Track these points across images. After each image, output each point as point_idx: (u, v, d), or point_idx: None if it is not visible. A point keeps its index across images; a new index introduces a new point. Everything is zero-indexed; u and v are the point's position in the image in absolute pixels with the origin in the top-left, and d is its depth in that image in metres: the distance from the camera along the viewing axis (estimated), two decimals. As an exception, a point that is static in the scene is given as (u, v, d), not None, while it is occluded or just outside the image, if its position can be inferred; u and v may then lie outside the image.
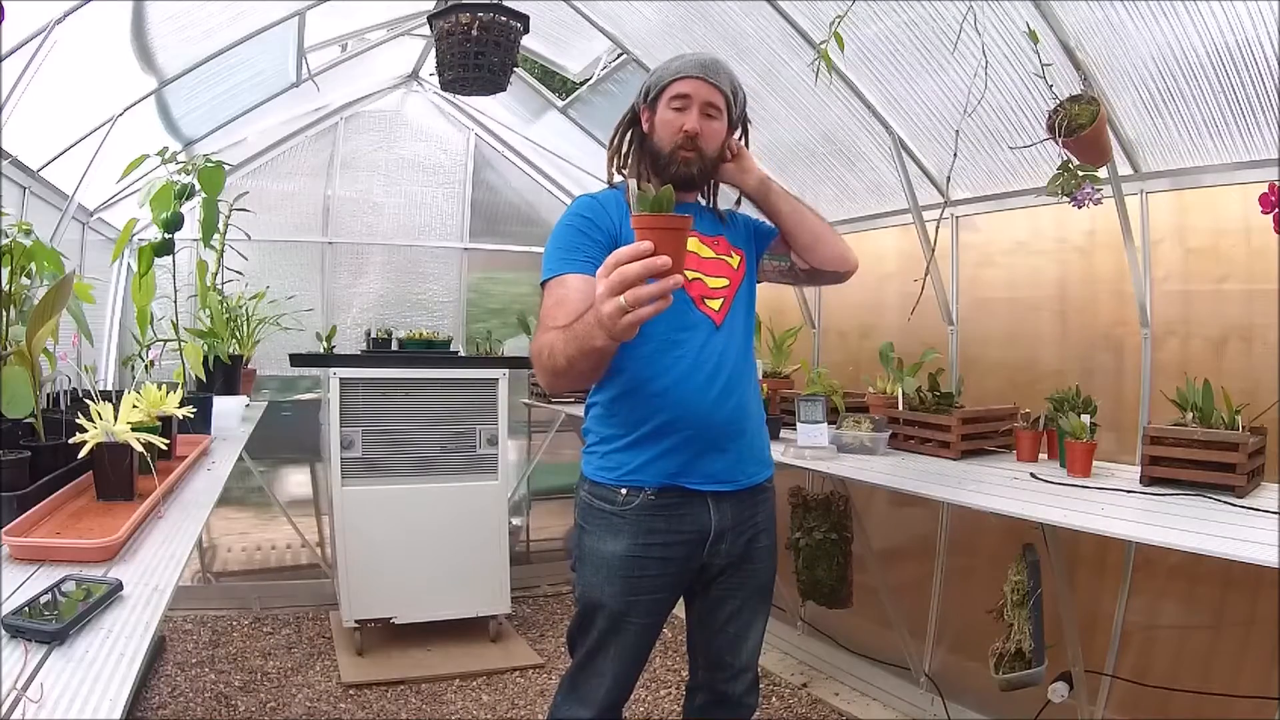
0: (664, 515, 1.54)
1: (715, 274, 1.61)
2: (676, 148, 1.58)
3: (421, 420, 3.33)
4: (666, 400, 1.52)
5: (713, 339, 1.56)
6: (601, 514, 1.57)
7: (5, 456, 1.28)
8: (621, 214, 1.57)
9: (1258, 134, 1.96)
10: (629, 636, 1.57)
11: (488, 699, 2.97)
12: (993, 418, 2.38)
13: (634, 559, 1.53)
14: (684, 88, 1.58)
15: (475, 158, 4.31)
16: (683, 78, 1.58)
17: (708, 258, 1.62)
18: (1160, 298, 2.24)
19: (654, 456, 1.53)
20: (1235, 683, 2.01)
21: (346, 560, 3.22)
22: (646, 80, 1.66)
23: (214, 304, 2.69)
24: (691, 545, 1.56)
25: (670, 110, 1.59)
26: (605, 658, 1.58)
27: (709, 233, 1.66)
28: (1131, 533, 1.55)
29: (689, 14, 2.82)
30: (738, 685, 1.67)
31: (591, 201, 1.61)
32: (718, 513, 1.56)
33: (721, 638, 1.65)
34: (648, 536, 1.53)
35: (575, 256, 1.51)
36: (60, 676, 0.81)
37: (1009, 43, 2.13)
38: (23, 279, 1.60)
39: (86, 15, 2.15)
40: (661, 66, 1.64)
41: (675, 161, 1.59)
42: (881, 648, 2.98)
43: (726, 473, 1.57)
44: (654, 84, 1.63)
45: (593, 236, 1.53)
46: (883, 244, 3.14)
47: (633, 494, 1.54)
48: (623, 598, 1.55)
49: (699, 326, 1.55)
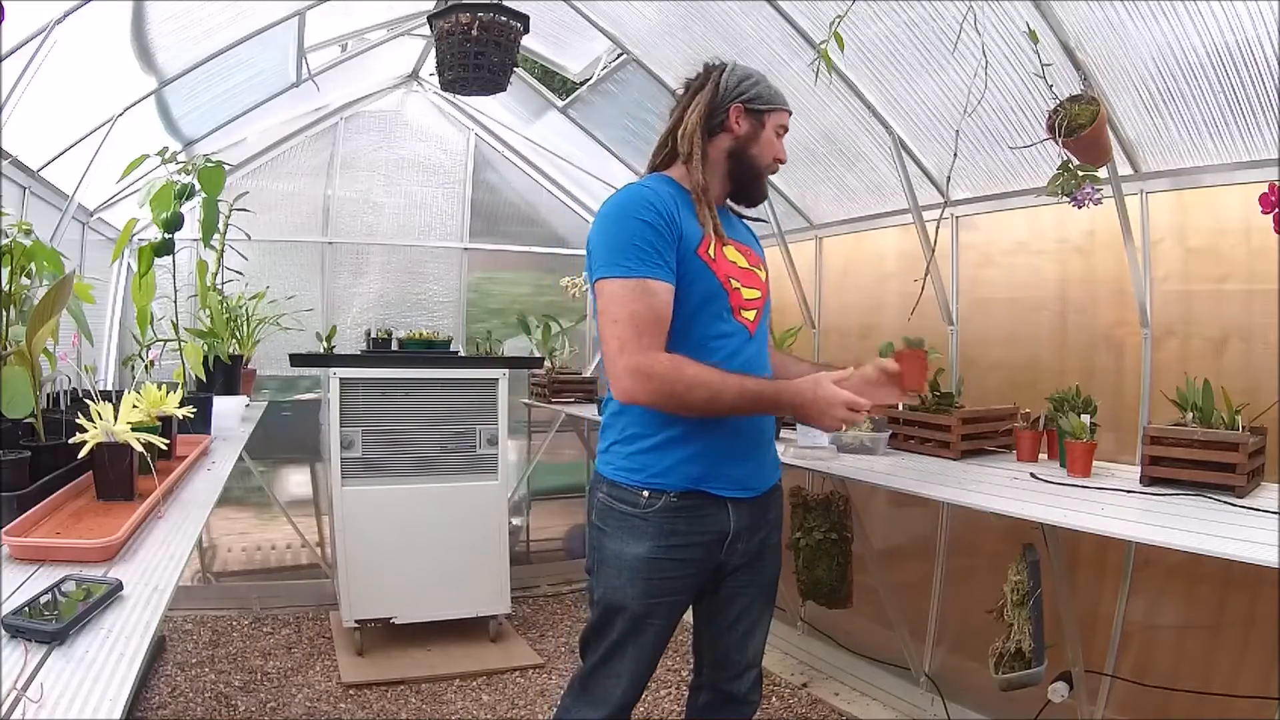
0: (685, 518, 1.54)
1: (750, 285, 1.61)
2: (768, 170, 1.67)
3: (421, 420, 3.33)
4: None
5: (746, 347, 1.58)
6: (623, 516, 1.56)
7: (5, 456, 1.28)
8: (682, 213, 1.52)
9: (1258, 134, 1.95)
10: (648, 638, 1.58)
11: (488, 699, 2.97)
12: (993, 418, 2.38)
13: (656, 561, 1.54)
14: (786, 120, 1.67)
15: (475, 158, 4.31)
16: (787, 110, 1.67)
17: (744, 268, 1.62)
18: (1160, 298, 2.23)
19: (679, 460, 1.53)
20: (1235, 683, 2.01)
21: (346, 560, 3.22)
22: (751, 85, 1.62)
23: (214, 304, 2.69)
24: (710, 547, 1.58)
25: (773, 135, 1.65)
26: (623, 659, 1.58)
27: (745, 242, 1.69)
28: (1131, 533, 1.55)
29: (689, 14, 2.82)
30: (742, 683, 1.69)
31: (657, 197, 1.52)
32: (736, 515, 1.58)
33: (730, 635, 1.67)
34: (670, 539, 1.53)
35: (657, 260, 1.47)
36: (60, 676, 0.81)
37: (1009, 43, 2.13)
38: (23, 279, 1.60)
39: (86, 15, 2.15)
40: (764, 82, 1.65)
41: (763, 184, 1.69)
42: (881, 648, 2.98)
43: (747, 480, 1.60)
44: (765, 97, 1.63)
45: (666, 238, 1.48)
46: (883, 244, 3.14)
47: (655, 496, 1.53)
48: (644, 600, 1.55)
49: (735, 335, 1.57)
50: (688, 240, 1.52)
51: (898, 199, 2.90)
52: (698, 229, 1.54)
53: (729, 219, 1.70)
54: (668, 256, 1.47)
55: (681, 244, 1.50)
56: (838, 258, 3.40)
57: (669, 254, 1.48)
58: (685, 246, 1.51)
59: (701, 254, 1.53)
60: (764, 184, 1.69)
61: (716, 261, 1.54)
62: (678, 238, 1.50)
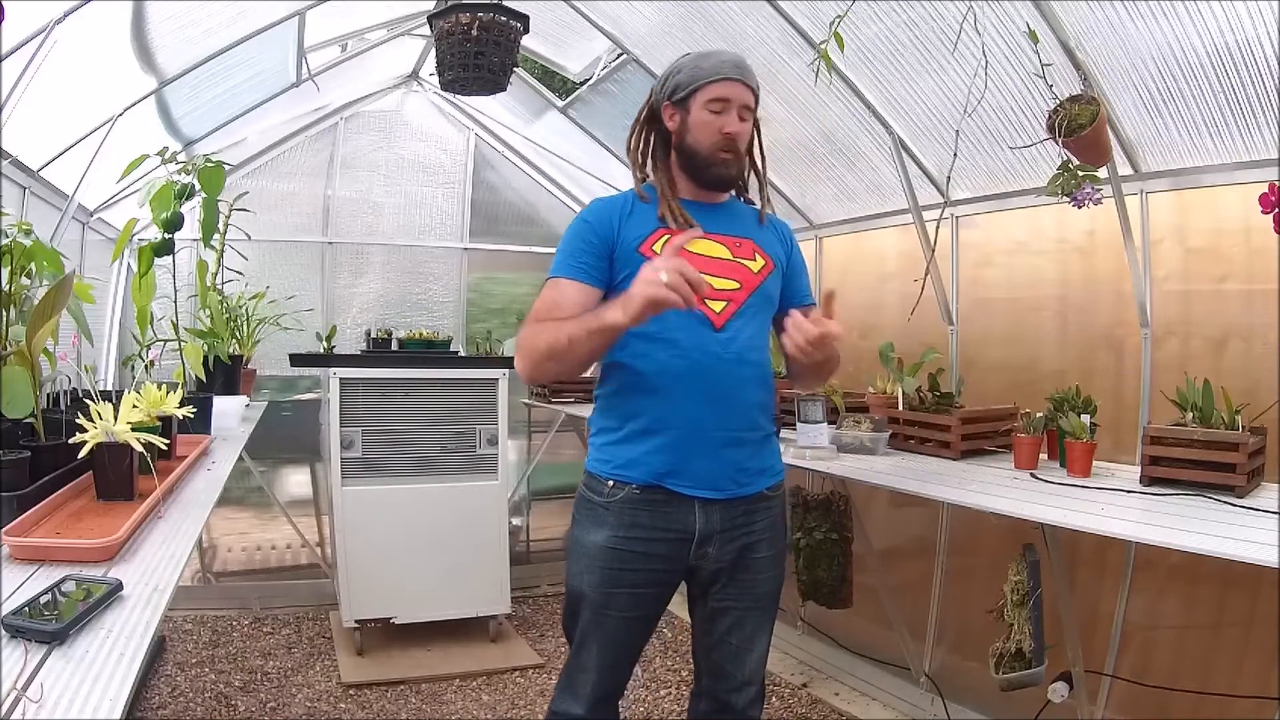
0: (647, 511, 1.54)
1: (723, 275, 1.58)
2: (717, 149, 1.57)
3: (421, 420, 3.33)
4: (657, 397, 1.53)
5: (710, 340, 1.54)
6: (589, 505, 1.59)
7: (5, 456, 1.28)
8: (622, 219, 1.59)
9: (1258, 134, 1.95)
10: (610, 629, 1.57)
11: (488, 699, 2.97)
12: (993, 418, 2.38)
13: (614, 551, 1.54)
14: (722, 91, 1.56)
15: (475, 158, 4.30)
16: (720, 80, 1.56)
17: (720, 258, 1.59)
18: (1160, 298, 2.23)
19: (644, 453, 1.53)
20: (1235, 683, 2.01)
21: (346, 560, 3.22)
22: (673, 77, 1.61)
23: (214, 304, 2.69)
24: (676, 544, 1.55)
25: (708, 112, 1.56)
26: (589, 652, 1.59)
27: (732, 233, 1.64)
28: (1131, 533, 1.55)
29: (689, 14, 2.82)
30: (740, 697, 1.64)
31: (600, 206, 1.63)
32: (704, 516, 1.54)
33: (723, 648, 1.63)
34: (629, 530, 1.54)
35: (574, 261, 1.56)
36: (60, 676, 0.81)
37: (1009, 43, 2.13)
38: (23, 279, 1.60)
39: (86, 15, 2.15)
40: (690, 64, 1.60)
41: (716, 163, 1.59)
42: (881, 648, 2.98)
43: (715, 480, 1.54)
44: (685, 83, 1.58)
45: (591, 243, 1.57)
46: (883, 244, 3.15)
47: (618, 487, 1.55)
48: (601, 589, 1.55)
49: (695, 326, 1.53)
50: (628, 241, 1.56)
51: (898, 199, 2.90)
52: (647, 228, 1.58)
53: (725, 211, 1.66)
54: (587, 260, 1.56)
55: (620, 247, 1.56)
56: (838, 258, 3.41)
57: (590, 257, 1.56)
58: (625, 248, 1.56)
59: (645, 250, 1.56)
60: (719, 166, 1.59)
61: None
62: (610, 243, 1.57)
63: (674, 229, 1.56)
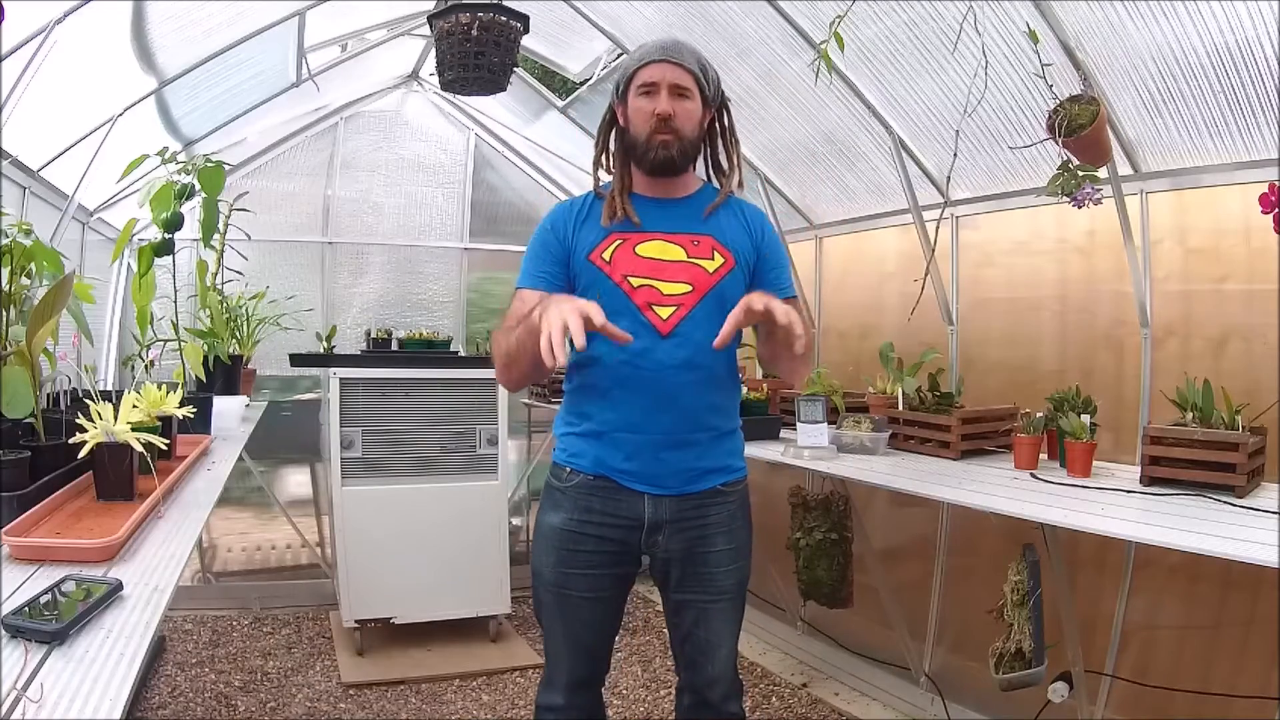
0: (600, 498, 1.59)
1: (674, 279, 1.56)
2: (651, 133, 1.56)
3: (421, 420, 3.33)
4: (605, 402, 1.58)
5: (656, 347, 1.53)
6: (551, 490, 1.65)
7: (5, 456, 1.28)
8: (578, 224, 1.62)
9: (1258, 134, 1.96)
10: (571, 610, 1.61)
11: (488, 699, 2.97)
12: (993, 418, 2.38)
13: (569, 533, 1.59)
14: (648, 74, 1.56)
15: (475, 158, 4.31)
16: (646, 64, 1.57)
17: (672, 261, 1.57)
18: (1160, 298, 2.23)
19: (594, 448, 1.59)
20: (1235, 683, 2.01)
21: (346, 560, 3.22)
22: (615, 77, 1.67)
23: (214, 304, 2.69)
24: (628, 530, 1.59)
25: (640, 98, 1.57)
26: (556, 637, 1.65)
27: (689, 230, 1.60)
28: (1131, 533, 1.55)
29: (689, 14, 2.82)
30: (714, 692, 1.65)
31: (559, 211, 1.67)
32: (653, 506, 1.58)
33: (691, 642, 1.65)
34: (585, 514, 1.59)
35: (534, 270, 1.62)
36: (60, 676, 0.81)
37: (1009, 43, 2.13)
38: (23, 279, 1.60)
39: (86, 15, 2.15)
40: (623, 64, 1.66)
41: (652, 147, 1.57)
42: (881, 648, 2.98)
43: (659, 479, 1.57)
44: (621, 77, 1.63)
45: (551, 248, 1.62)
46: (883, 244, 3.15)
47: (573, 474, 1.61)
48: (557, 569, 1.60)
49: (640, 334, 1.51)
50: (581, 249, 1.59)
51: (898, 199, 2.90)
52: (597, 234, 1.59)
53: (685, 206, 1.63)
54: (548, 267, 1.61)
55: (575, 255, 1.60)
56: (838, 258, 3.41)
57: (550, 264, 1.61)
58: (578, 256, 1.59)
59: (594, 258, 1.57)
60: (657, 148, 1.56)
61: (612, 263, 1.56)
62: (565, 249, 1.61)
63: (628, 235, 1.58)
